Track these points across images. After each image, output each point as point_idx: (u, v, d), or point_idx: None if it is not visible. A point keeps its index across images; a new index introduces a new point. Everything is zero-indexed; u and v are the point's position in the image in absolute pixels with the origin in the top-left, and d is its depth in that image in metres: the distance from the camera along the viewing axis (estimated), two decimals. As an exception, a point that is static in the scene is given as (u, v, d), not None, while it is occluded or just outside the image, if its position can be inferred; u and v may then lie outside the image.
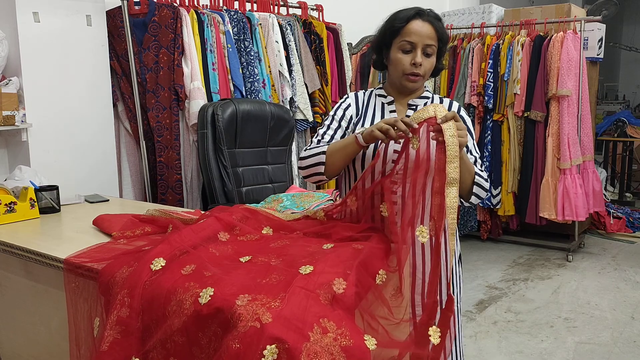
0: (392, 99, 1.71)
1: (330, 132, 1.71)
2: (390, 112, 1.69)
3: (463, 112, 1.70)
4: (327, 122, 1.74)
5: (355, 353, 1.14)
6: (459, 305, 1.78)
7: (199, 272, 1.33)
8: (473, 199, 1.63)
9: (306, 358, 1.10)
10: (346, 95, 1.78)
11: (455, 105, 1.72)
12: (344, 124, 1.71)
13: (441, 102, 1.71)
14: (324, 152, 1.62)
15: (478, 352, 2.92)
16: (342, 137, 1.70)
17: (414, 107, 1.69)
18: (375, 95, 1.74)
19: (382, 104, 1.71)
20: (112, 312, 1.32)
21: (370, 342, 1.18)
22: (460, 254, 1.80)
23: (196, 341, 1.23)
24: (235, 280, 1.28)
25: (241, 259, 1.42)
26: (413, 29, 1.59)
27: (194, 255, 1.40)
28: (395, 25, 1.62)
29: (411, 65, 1.60)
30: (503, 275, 4.11)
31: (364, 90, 1.79)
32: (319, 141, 1.70)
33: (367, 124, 1.68)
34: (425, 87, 1.75)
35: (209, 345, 1.21)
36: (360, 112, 1.72)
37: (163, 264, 1.36)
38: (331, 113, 1.76)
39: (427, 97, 1.72)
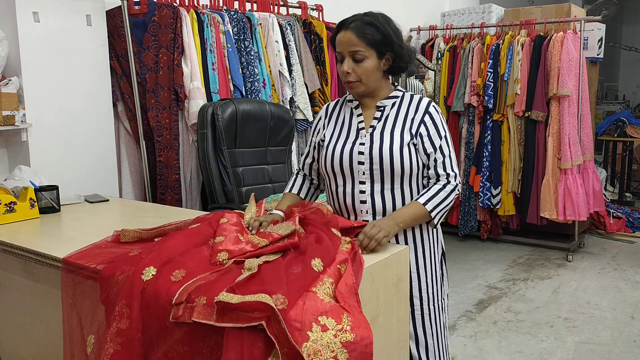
0: (358, 103, 1.79)
1: (307, 159, 1.92)
2: (358, 115, 1.78)
3: (432, 110, 1.74)
4: (308, 143, 1.93)
5: (356, 347, 1.17)
6: (439, 302, 1.81)
7: (190, 279, 1.31)
8: (439, 216, 1.73)
9: (307, 358, 1.12)
10: (326, 105, 1.92)
11: (425, 101, 1.75)
12: (315, 139, 1.87)
13: (411, 99, 1.76)
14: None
15: (478, 352, 2.92)
16: (313, 161, 1.90)
17: (382, 108, 1.76)
18: (346, 101, 1.84)
19: (351, 109, 1.81)
20: (112, 324, 1.31)
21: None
22: (443, 250, 1.87)
23: (198, 350, 1.22)
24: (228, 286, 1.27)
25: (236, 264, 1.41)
26: (338, 41, 1.71)
27: (184, 261, 1.39)
28: (331, 42, 1.77)
29: (341, 74, 1.72)
30: (503, 275, 4.11)
31: (339, 99, 1.89)
32: (302, 167, 1.95)
33: (329, 131, 1.82)
34: (396, 86, 1.80)
35: (211, 354, 1.21)
36: (326, 121, 1.85)
37: (154, 273, 1.34)
38: (312, 129, 1.93)
39: (396, 97, 1.77)
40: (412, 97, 1.77)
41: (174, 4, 3.01)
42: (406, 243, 1.75)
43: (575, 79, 4.24)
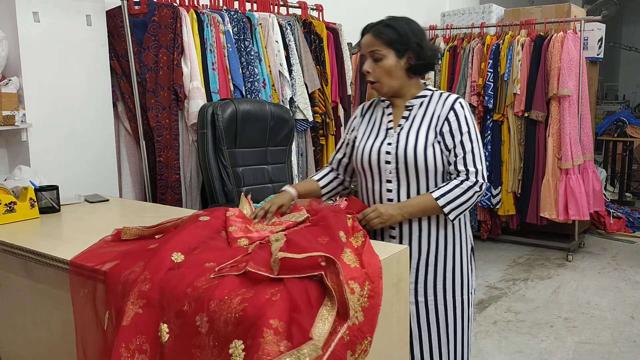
0: (389, 103, 1.84)
1: (338, 154, 1.99)
2: (388, 114, 1.83)
3: (457, 106, 1.75)
4: (341, 138, 1.99)
5: (368, 313, 1.31)
6: (467, 296, 1.86)
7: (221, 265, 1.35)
8: (455, 212, 1.74)
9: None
10: (362, 104, 1.98)
11: (452, 98, 1.77)
12: (349, 136, 1.93)
13: (440, 97, 1.78)
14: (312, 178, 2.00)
15: (478, 352, 2.92)
16: (342, 157, 1.96)
17: (410, 107, 1.80)
18: (379, 100, 1.89)
19: (383, 108, 1.86)
20: (133, 289, 1.33)
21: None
22: (472, 246, 1.91)
23: (215, 291, 1.24)
24: (259, 260, 1.32)
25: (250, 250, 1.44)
26: (361, 45, 1.81)
27: (207, 252, 1.42)
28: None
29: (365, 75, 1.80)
30: (503, 275, 4.11)
31: (375, 99, 1.93)
32: (331, 160, 2.00)
33: (362, 129, 1.88)
34: (425, 85, 1.84)
35: (226, 288, 1.23)
36: (360, 119, 1.92)
37: (183, 258, 1.38)
38: (346, 126, 1.99)
39: (424, 96, 1.80)
40: (441, 95, 1.79)
41: (174, 4, 3.01)
42: (429, 237, 1.79)
43: (576, 79, 4.24)
